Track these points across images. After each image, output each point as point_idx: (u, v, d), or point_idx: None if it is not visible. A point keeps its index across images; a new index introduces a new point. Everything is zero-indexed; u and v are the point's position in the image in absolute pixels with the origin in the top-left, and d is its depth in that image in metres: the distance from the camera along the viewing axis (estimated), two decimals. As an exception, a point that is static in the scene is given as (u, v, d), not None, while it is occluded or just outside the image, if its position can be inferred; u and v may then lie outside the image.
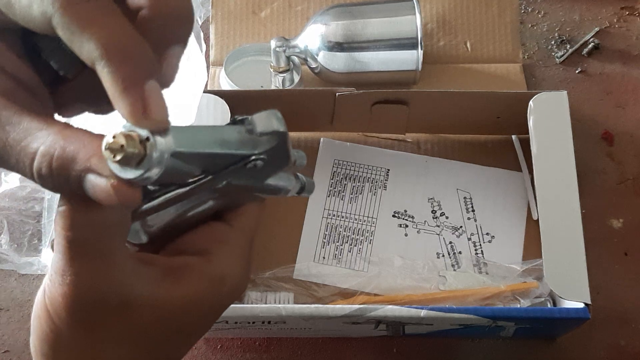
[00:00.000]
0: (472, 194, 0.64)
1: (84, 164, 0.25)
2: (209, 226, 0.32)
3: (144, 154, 0.24)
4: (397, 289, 0.59)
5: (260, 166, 0.31)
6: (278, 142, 0.31)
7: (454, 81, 0.71)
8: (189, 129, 0.27)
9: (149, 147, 0.24)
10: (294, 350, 0.59)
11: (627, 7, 0.76)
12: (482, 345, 0.59)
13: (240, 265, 0.32)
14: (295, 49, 0.67)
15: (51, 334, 0.29)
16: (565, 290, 0.51)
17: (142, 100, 0.25)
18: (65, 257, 0.27)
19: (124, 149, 0.24)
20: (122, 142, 0.24)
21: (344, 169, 0.66)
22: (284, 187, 0.34)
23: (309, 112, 0.63)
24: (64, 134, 0.25)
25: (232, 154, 0.30)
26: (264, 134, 0.31)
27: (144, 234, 0.31)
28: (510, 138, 0.67)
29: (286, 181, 0.34)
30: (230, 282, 0.32)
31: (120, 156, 0.24)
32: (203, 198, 0.31)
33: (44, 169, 0.25)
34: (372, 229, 0.63)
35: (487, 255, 0.61)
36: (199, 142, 0.27)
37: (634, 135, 0.68)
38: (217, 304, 0.32)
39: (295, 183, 0.35)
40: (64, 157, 0.25)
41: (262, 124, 0.31)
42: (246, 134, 0.31)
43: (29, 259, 0.60)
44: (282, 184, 0.34)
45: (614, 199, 0.65)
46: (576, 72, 0.72)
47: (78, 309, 0.28)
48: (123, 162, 0.24)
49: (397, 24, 0.66)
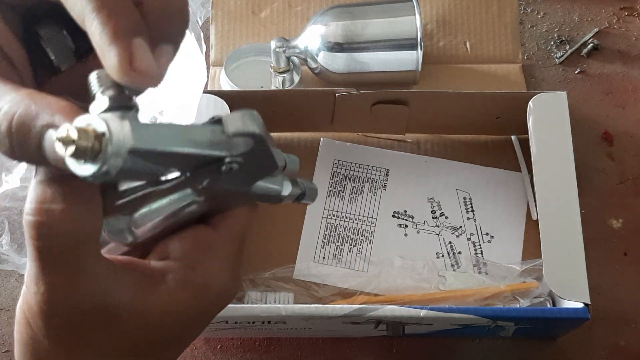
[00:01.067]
0: (471, 194, 0.65)
1: (47, 119, 0.24)
2: (193, 230, 0.31)
3: (98, 149, 0.24)
4: (397, 289, 0.59)
5: (236, 169, 0.29)
6: (255, 145, 0.29)
7: (453, 81, 0.71)
8: (154, 126, 0.26)
9: (104, 142, 0.24)
10: (294, 350, 0.59)
11: (626, 8, 0.76)
12: (482, 345, 0.59)
13: (227, 271, 0.31)
14: (295, 50, 0.68)
15: (30, 341, 0.28)
16: (565, 290, 0.51)
17: (130, 53, 0.24)
18: (38, 266, 0.26)
19: (76, 142, 0.23)
20: (73, 136, 0.23)
21: (343, 169, 0.66)
22: (275, 193, 0.33)
23: (309, 112, 0.63)
24: (32, 96, 0.25)
25: (202, 155, 0.28)
26: (237, 135, 0.29)
27: (130, 234, 0.30)
28: (509, 138, 0.67)
29: (278, 187, 0.33)
30: (216, 290, 0.30)
31: (72, 149, 0.23)
32: (186, 200, 0.30)
33: (3, 126, 0.24)
34: (371, 229, 0.63)
35: (487, 255, 0.62)
36: (162, 140, 0.26)
37: (633, 135, 0.68)
38: (202, 312, 0.31)
39: (293, 189, 0.33)
40: (27, 114, 0.24)
41: (233, 125, 0.29)
42: (221, 134, 0.29)
43: (29, 259, 0.60)
44: (273, 189, 0.32)
45: (614, 199, 0.65)
46: (576, 72, 0.73)
47: (54, 318, 0.27)
48: (76, 155, 0.23)
49: (397, 25, 0.66)
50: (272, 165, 0.31)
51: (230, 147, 0.29)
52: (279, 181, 0.33)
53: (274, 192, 0.33)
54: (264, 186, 0.32)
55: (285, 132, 0.67)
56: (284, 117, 0.64)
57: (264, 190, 0.32)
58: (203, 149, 0.28)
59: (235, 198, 0.32)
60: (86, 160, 0.23)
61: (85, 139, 0.23)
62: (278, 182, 0.33)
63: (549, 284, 0.51)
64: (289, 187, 0.33)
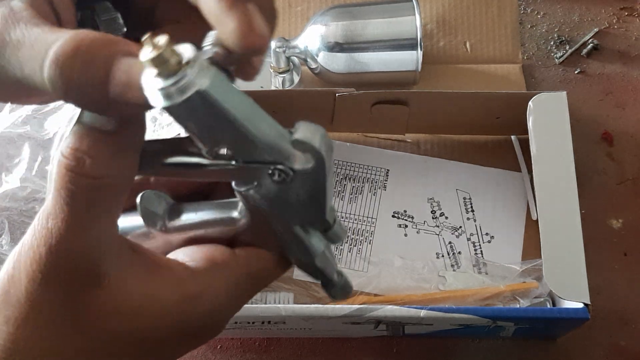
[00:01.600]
0: (471, 194, 0.65)
1: (122, 47, 0.23)
2: (214, 245, 0.30)
3: (177, 68, 0.23)
4: (397, 289, 0.59)
5: (286, 182, 0.27)
6: (314, 166, 0.27)
7: (453, 81, 0.71)
8: (234, 88, 0.26)
9: (186, 64, 0.23)
10: (294, 350, 0.59)
11: (626, 8, 0.76)
12: (482, 345, 0.59)
13: (225, 297, 0.29)
14: (295, 50, 0.68)
15: (8, 285, 0.27)
16: (565, 291, 0.51)
17: (250, 17, 0.24)
18: (55, 203, 0.26)
19: (161, 54, 0.23)
20: (161, 49, 0.22)
21: (343, 169, 0.66)
22: (310, 250, 0.30)
23: (309, 112, 0.63)
24: (90, 32, 0.24)
25: (260, 144, 0.26)
26: (300, 143, 0.27)
27: (161, 222, 0.30)
28: (509, 138, 0.67)
29: (317, 247, 0.30)
30: (205, 307, 0.29)
31: (154, 58, 0.23)
32: (227, 213, 0.29)
33: (63, 57, 0.23)
34: (371, 229, 0.63)
35: (487, 256, 0.62)
36: (234, 103, 0.25)
37: (633, 135, 0.68)
38: (183, 322, 0.29)
39: (329, 268, 0.32)
40: (95, 41, 0.23)
41: (303, 132, 0.28)
42: (286, 139, 0.27)
43: (29, 259, 0.60)
44: (310, 245, 0.30)
45: (614, 199, 0.65)
46: (575, 72, 0.73)
47: (51, 259, 0.26)
48: (156, 62, 0.23)
49: (396, 25, 0.66)
50: (320, 207, 0.29)
51: (288, 156, 0.27)
52: (320, 245, 0.31)
53: (309, 247, 0.30)
54: (302, 235, 0.30)
55: (285, 132, 0.67)
56: (284, 117, 0.64)
57: (300, 239, 0.30)
58: (264, 138, 0.27)
59: (270, 234, 0.30)
60: (162, 75, 0.23)
61: (171, 55, 0.23)
62: (319, 244, 0.31)
63: (549, 284, 0.51)
64: (326, 261, 0.31)
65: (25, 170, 0.66)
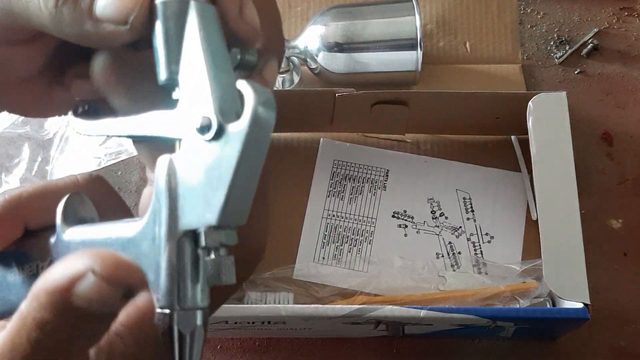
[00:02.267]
0: (471, 194, 0.65)
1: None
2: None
3: None
4: (397, 289, 0.59)
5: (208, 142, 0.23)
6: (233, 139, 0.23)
7: (453, 82, 0.71)
8: (217, 25, 0.25)
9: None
10: (294, 351, 0.59)
11: (626, 8, 0.76)
12: (482, 346, 0.59)
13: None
14: (295, 50, 0.68)
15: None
16: (565, 291, 0.51)
17: (240, 3, 0.26)
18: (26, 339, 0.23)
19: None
20: None
21: (343, 170, 0.66)
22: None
23: (309, 112, 0.63)
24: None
25: (207, 83, 0.24)
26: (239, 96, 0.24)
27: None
28: (509, 138, 0.67)
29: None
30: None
31: None
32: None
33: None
34: (371, 229, 0.63)
35: (487, 256, 0.62)
36: (208, 32, 0.25)
37: (633, 135, 0.68)
38: None
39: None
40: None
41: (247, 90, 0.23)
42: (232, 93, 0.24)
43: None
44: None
45: (614, 199, 0.65)
46: (575, 72, 0.73)
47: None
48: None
49: (396, 25, 0.66)
50: (215, 199, 0.23)
51: (222, 110, 0.24)
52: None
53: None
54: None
55: (285, 132, 0.67)
56: (284, 117, 0.64)
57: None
58: (214, 81, 0.24)
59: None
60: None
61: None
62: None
63: (549, 284, 0.51)
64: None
65: (25, 170, 0.66)
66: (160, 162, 0.25)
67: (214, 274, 0.24)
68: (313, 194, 0.65)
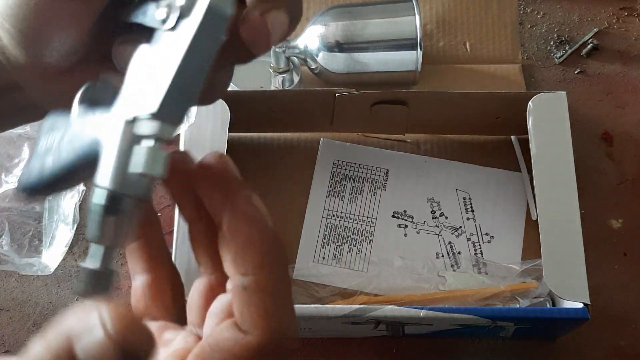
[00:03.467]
0: (471, 194, 0.65)
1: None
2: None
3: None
4: (397, 289, 0.59)
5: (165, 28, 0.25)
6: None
7: (453, 82, 0.71)
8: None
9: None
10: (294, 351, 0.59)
11: (626, 8, 0.76)
12: (482, 345, 0.59)
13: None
14: (295, 50, 0.68)
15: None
16: (565, 291, 0.51)
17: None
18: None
19: None
20: None
21: (343, 170, 0.66)
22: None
23: (309, 112, 0.63)
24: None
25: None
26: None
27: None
28: (509, 138, 0.67)
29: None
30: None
31: None
32: None
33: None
34: (371, 229, 0.63)
35: (487, 256, 0.62)
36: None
37: (633, 135, 0.68)
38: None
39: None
40: None
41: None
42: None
43: (30, 259, 0.60)
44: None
45: (614, 199, 0.65)
46: (575, 72, 0.73)
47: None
48: None
49: (396, 25, 0.66)
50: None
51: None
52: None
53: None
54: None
55: (285, 132, 0.67)
56: (284, 117, 0.64)
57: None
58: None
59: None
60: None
61: None
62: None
63: (549, 284, 0.51)
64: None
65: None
66: (138, 50, 0.26)
67: (139, 162, 0.24)
68: (313, 194, 0.65)
